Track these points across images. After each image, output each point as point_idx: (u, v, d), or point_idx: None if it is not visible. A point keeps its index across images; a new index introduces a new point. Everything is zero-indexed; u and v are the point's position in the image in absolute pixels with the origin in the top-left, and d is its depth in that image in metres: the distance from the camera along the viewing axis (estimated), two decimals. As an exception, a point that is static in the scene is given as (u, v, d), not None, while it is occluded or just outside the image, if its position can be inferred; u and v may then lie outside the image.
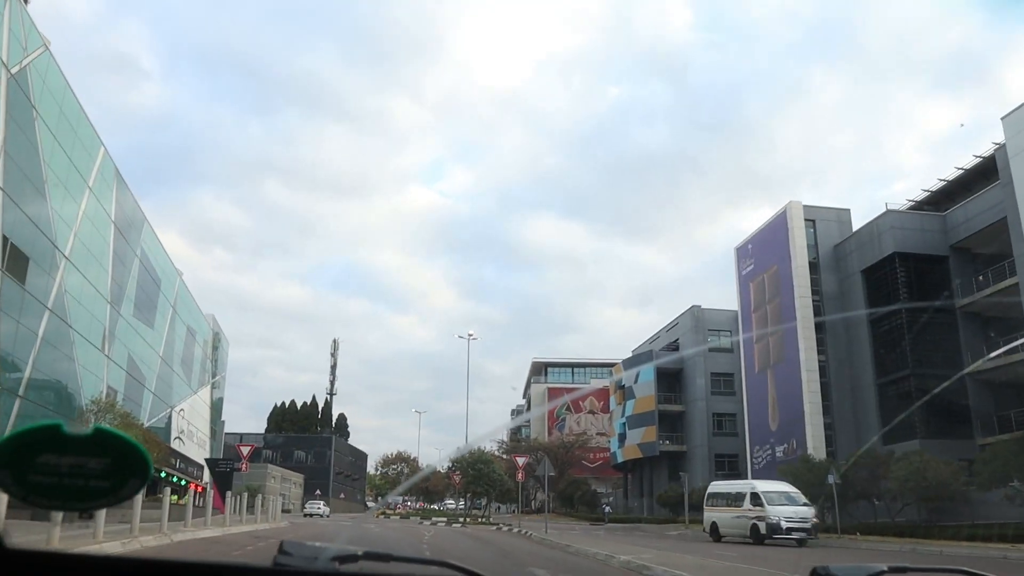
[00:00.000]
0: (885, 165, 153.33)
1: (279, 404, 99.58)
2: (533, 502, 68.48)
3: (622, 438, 61.93)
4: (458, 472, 52.40)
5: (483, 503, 59.42)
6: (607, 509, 56.46)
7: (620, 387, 63.49)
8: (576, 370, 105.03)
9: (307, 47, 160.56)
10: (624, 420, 61.60)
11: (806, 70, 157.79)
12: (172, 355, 48.79)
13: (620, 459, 63.27)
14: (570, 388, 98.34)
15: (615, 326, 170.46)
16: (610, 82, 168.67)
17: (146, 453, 1.02)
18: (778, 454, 43.46)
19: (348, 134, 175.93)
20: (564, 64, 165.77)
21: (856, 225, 44.52)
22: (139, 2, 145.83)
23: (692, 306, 58.25)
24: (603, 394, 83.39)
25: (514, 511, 59.70)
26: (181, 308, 51.10)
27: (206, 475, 56.26)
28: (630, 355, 68.21)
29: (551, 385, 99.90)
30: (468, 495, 55.45)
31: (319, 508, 63.09)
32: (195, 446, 57.15)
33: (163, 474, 43.19)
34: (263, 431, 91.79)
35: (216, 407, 64.78)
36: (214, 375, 64.31)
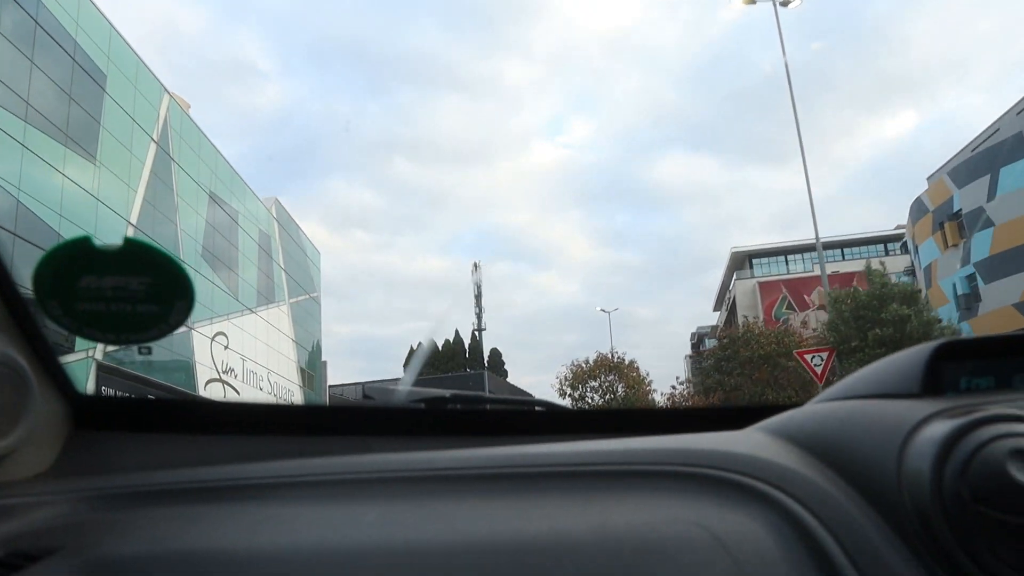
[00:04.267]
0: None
1: (415, 346, 78.99)
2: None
3: (969, 303, 35.62)
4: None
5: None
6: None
7: (944, 220, 37.01)
8: (791, 257, 78.97)
9: (410, 24, 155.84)
10: (969, 270, 35.25)
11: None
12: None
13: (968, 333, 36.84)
14: (788, 281, 73.01)
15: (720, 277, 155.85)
16: (720, 4, 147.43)
17: (184, 269, 0.94)
18: None
19: (464, 102, 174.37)
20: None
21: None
22: (245, 8, 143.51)
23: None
24: (838, 282, 58.72)
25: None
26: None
27: None
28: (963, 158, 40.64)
29: (762, 279, 74.74)
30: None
31: None
32: (270, 399, 35.94)
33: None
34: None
35: (308, 340, 43.63)
36: (309, 292, 43.24)
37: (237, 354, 31.82)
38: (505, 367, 79.33)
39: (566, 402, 28.24)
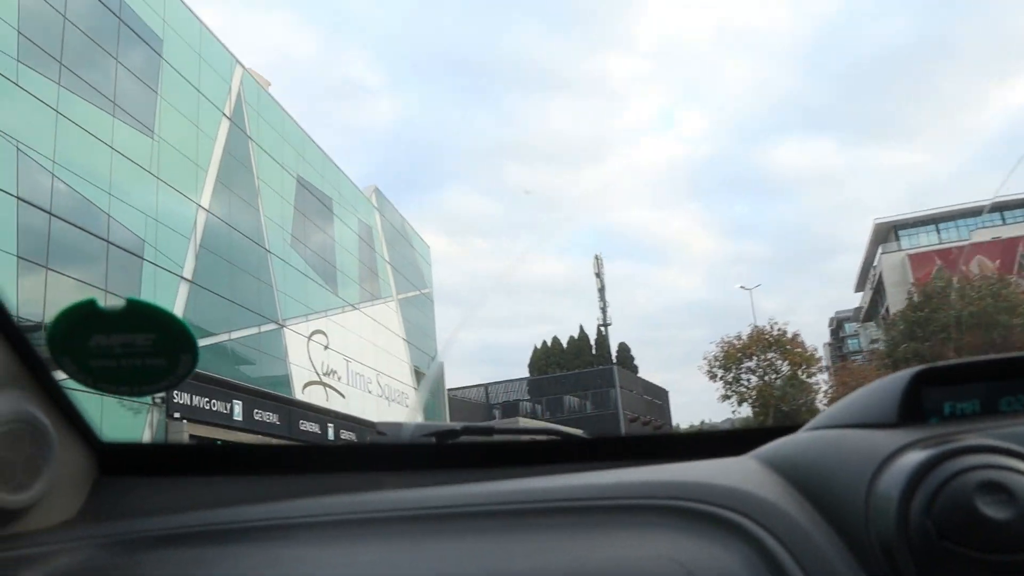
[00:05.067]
0: None
1: (539, 345, 75.32)
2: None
3: None
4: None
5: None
6: None
7: None
8: (942, 226, 70.76)
9: (512, 27, 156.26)
10: None
11: None
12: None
13: None
14: (942, 251, 65.07)
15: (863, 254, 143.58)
16: None
17: (185, 324, 1.01)
18: None
19: (570, 101, 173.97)
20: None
21: None
22: (352, 28, 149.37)
23: None
24: (1000, 249, 52.27)
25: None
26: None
27: None
28: None
29: (912, 250, 67.13)
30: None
31: None
32: (381, 403, 33.07)
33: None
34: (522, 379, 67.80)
35: (421, 339, 40.65)
36: (422, 288, 40.41)
37: (339, 355, 28.96)
38: (635, 362, 74.51)
39: (718, 386, 23.78)
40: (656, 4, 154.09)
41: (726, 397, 23.90)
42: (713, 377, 23.72)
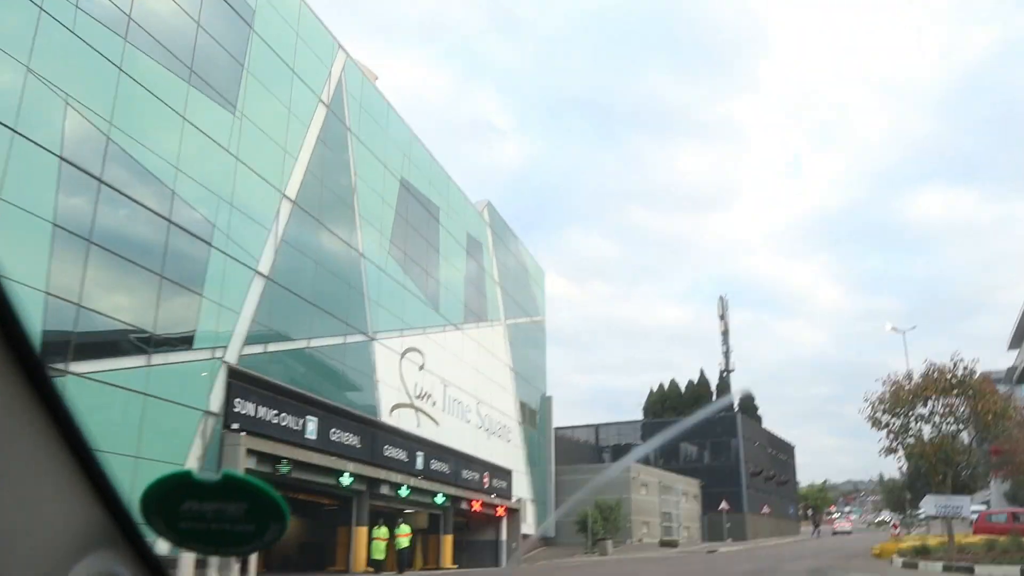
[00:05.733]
0: None
1: (655, 388, 70.77)
2: None
3: None
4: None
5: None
6: None
7: None
8: None
9: (642, 71, 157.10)
10: None
11: None
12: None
13: None
14: None
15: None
16: (975, 24, 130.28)
17: (278, 498, 1.05)
18: None
19: (698, 146, 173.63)
20: (913, 17, 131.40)
21: None
22: (485, 68, 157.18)
23: None
24: None
25: None
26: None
27: (519, 486, 30.63)
28: None
29: None
30: None
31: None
32: (480, 434, 30.18)
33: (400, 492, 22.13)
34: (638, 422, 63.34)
35: (529, 370, 37.61)
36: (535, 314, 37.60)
37: (436, 376, 26.33)
38: (759, 412, 68.71)
39: (882, 435, 19.52)
40: (785, 47, 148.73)
41: (891, 451, 19.64)
42: (876, 424, 19.40)
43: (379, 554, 21.39)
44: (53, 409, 0.87)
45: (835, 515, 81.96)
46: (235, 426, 15.62)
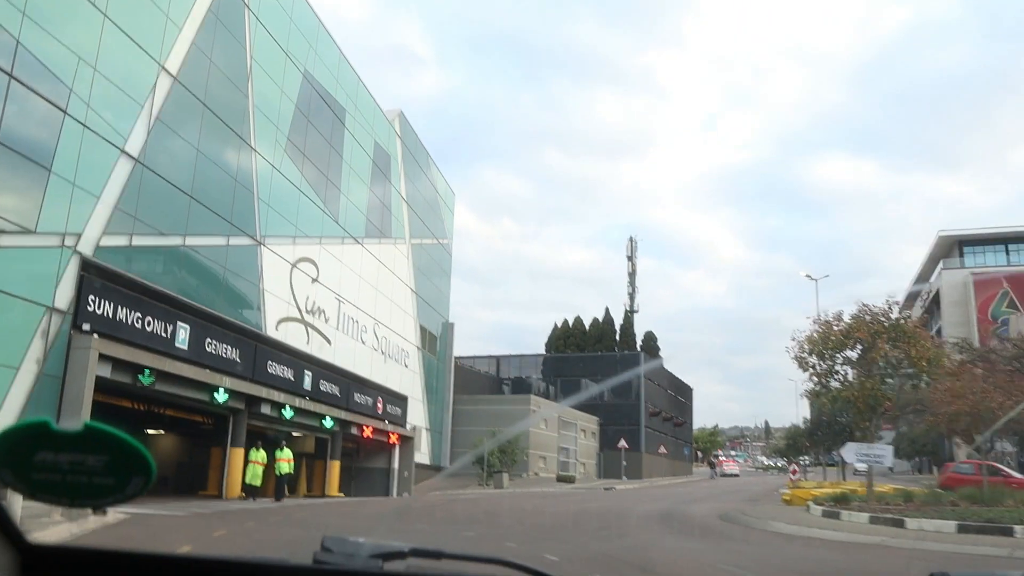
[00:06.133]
0: None
1: (559, 324, 70.52)
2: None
3: None
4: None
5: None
6: None
7: None
8: (1012, 247, 66.66)
9: (568, 15, 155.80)
10: None
11: None
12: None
13: None
14: (1012, 275, 61.42)
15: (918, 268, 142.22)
16: (892, 3, 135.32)
17: (144, 451, 1.00)
18: None
19: (618, 95, 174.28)
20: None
21: None
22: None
23: None
24: None
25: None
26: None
27: (415, 414, 29.07)
28: None
29: (977, 270, 63.38)
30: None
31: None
32: (376, 357, 28.55)
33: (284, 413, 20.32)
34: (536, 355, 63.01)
35: (433, 295, 36.04)
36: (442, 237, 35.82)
37: (330, 291, 24.42)
38: (660, 352, 69.55)
39: (805, 374, 19.00)
40: (712, 8, 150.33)
41: (816, 394, 19.19)
42: (803, 365, 18.82)
43: (255, 480, 19.69)
44: None
45: (722, 457, 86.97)
46: (86, 326, 13.49)
